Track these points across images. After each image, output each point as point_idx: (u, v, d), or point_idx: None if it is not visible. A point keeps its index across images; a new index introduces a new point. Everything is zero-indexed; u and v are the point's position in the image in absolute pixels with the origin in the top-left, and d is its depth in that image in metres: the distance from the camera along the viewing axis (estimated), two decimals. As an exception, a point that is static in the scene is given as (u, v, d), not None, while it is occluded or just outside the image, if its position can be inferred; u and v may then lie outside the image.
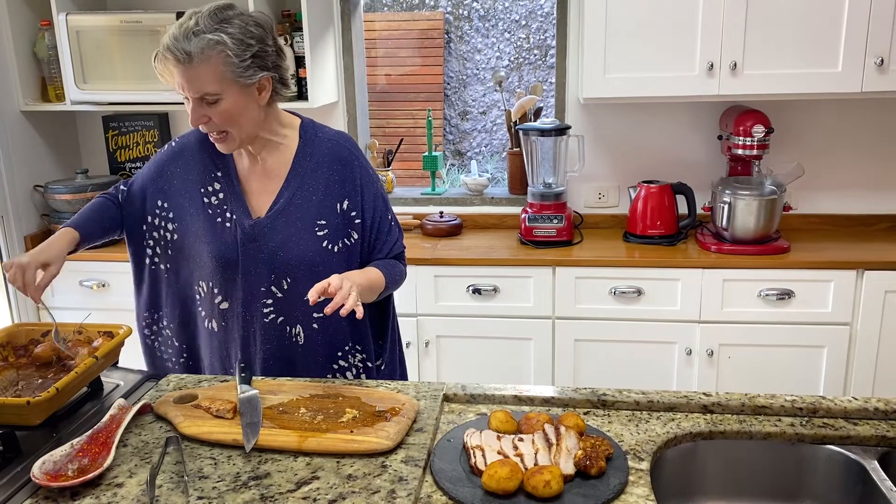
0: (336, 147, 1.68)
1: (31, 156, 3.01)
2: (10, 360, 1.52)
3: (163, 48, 1.48)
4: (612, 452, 1.30)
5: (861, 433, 1.40)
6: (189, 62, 1.47)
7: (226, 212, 1.65)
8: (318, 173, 1.66)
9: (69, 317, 2.90)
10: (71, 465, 1.25)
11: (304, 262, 1.63)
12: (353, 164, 1.68)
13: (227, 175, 1.67)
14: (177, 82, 1.51)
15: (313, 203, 1.64)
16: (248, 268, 1.63)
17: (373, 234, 1.69)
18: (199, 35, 1.47)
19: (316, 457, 1.31)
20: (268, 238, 1.63)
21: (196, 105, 1.52)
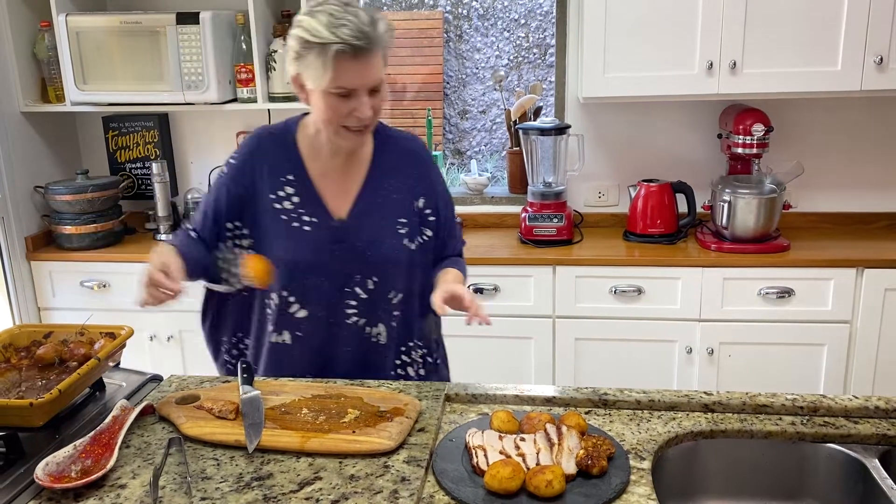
0: (411, 146, 1.70)
1: (31, 157, 3.01)
2: (12, 362, 1.52)
3: (345, 41, 1.40)
4: (613, 452, 1.30)
5: (862, 431, 1.41)
6: (371, 52, 1.43)
7: (302, 215, 1.60)
8: (397, 172, 1.65)
9: (70, 318, 2.91)
10: (74, 466, 1.26)
11: (390, 260, 1.63)
12: (428, 163, 1.70)
13: (299, 178, 1.61)
14: (351, 77, 1.44)
15: (394, 202, 1.64)
16: (334, 270, 1.60)
17: (445, 232, 1.71)
18: (375, 20, 1.44)
19: (318, 457, 1.31)
20: (355, 238, 1.61)
21: (366, 97, 1.47)
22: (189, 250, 1.59)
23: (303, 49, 1.45)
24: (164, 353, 2.92)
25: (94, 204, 2.93)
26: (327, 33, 1.41)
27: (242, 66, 2.86)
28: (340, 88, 1.45)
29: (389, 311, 1.66)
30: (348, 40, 1.40)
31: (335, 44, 1.40)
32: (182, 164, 3.29)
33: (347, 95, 1.46)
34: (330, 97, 1.46)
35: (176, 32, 2.77)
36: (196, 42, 2.77)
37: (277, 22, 2.93)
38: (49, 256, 2.93)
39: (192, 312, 2.85)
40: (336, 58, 1.41)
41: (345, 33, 1.40)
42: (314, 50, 1.43)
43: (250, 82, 2.87)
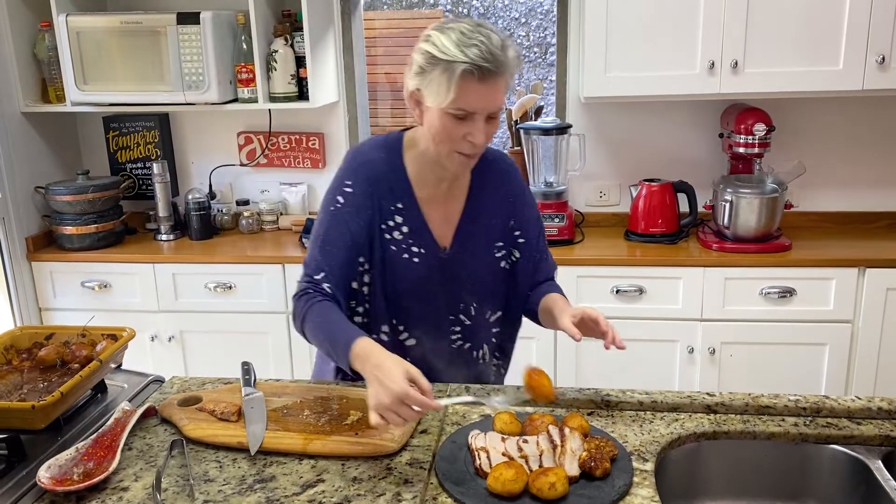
0: (503, 166, 1.64)
1: (31, 157, 3.01)
2: (13, 364, 1.52)
3: (482, 62, 1.35)
4: (616, 453, 1.30)
5: (865, 433, 1.40)
6: (499, 76, 1.38)
7: (412, 246, 1.54)
8: (493, 194, 1.61)
9: (71, 318, 2.91)
10: (76, 468, 1.25)
11: (489, 284, 1.62)
12: (519, 183, 1.66)
13: (408, 206, 1.54)
14: (474, 99, 1.38)
15: (492, 226, 1.61)
16: (440, 299, 1.58)
17: (537, 255, 1.66)
18: (509, 47, 1.39)
19: (321, 459, 1.31)
20: (460, 267, 1.58)
21: (484, 123, 1.41)
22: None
23: (428, 64, 1.39)
24: (166, 353, 2.92)
25: (94, 204, 2.93)
26: (456, 51, 1.36)
27: (243, 66, 2.85)
28: (460, 110, 1.39)
29: (489, 330, 1.67)
30: (477, 61, 1.35)
31: (463, 63, 1.35)
32: (183, 165, 3.29)
33: (465, 118, 1.40)
34: (447, 117, 1.40)
35: (176, 32, 2.77)
36: (196, 42, 2.76)
37: (278, 22, 2.93)
38: (50, 257, 2.93)
39: (192, 313, 2.88)
40: (462, 77, 1.36)
41: (474, 53, 1.35)
42: (440, 66, 1.37)
43: (251, 82, 2.86)
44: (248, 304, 2.85)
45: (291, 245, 2.95)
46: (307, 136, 3.18)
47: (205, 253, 2.92)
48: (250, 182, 3.27)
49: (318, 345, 1.45)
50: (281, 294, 2.82)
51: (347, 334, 1.35)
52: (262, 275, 2.82)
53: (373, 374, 1.25)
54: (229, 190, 3.28)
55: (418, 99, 1.45)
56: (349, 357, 1.32)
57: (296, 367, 2.88)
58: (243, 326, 2.85)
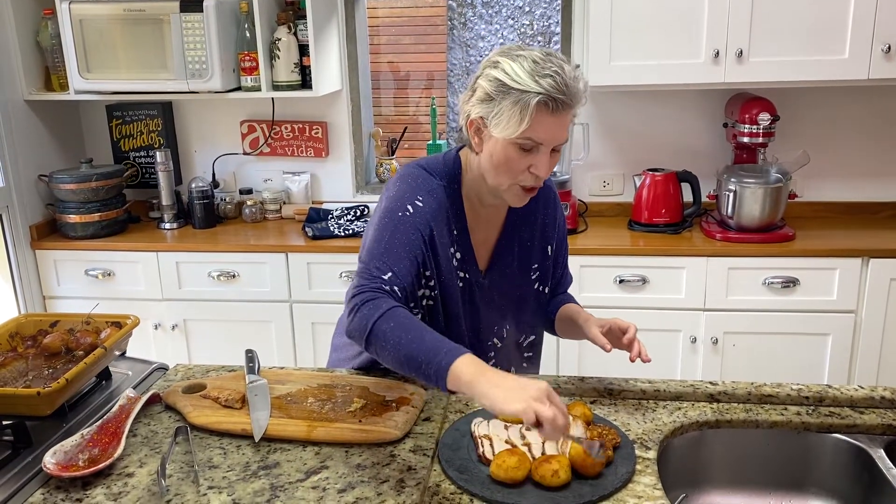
0: (545, 190, 1.60)
1: (35, 145, 3.01)
2: (18, 351, 1.53)
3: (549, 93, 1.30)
4: (619, 441, 1.30)
5: (867, 422, 1.41)
6: (570, 109, 1.34)
7: (458, 270, 1.53)
8: (531, 217, 1.59)
9: (75, 306, 2.92)
10: (81, 455, 1.26)
11: (524, 307, 1.62)
12: (557, 205, 1.64)
13: (461, 233, 1.52)
14: (543, 131, 1.33)
15: (528, 249, 1.60)
16: (479, 322, 1.58)
17: (559, 271, 1.68)
18: (580, 80, 1.35)
19: (325, 446, 1.31)
20: (496, 290, 1.58)
21: (549, 155, 1.38)
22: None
23: (497, 92, 1.33)
24: (169, 341, 2.93)
25: (98, 193, 2.93)
26: (530, 81, 1.30)
27: (246, 55, 2.85)
28: (528, 141, 1.34)
29: (521, 353, 1.67)
30: (552, 92, 1.30)
31: (538, 94, 1.29)
32: (186, 153, 3.29)
33: (531, 150, 1.36)
34: (513, 148, 1.36)
35: (180, 20, 2.76)
36: (200, 30, 2.76)
37: (281, 10, 2.92)
38: (54, 245, 2.94)
39: (195, 301, 2.89)
40: (536, 109, 1.30)
41: (549, 84, 1.30)
42: (511, 96, 1.31)
43: (254, 70, 2.86)
44: (252, 292, 2.85)
45: (294, 234, 2.96)
46: (310, 125, 3.18)
47: (208, 241, 2.92)
48: (253, 171, 3.27)
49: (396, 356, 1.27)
50: (284, 282, 2.82)
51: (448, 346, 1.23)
52: (266, 263, 2.82)
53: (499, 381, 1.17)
54: (232, 178, 3.28)
55: (479, 126, 1.40)
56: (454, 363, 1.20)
57: (299, 355, 2.89)
58: (247, 315, 2.86)
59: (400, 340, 1.25)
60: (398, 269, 1.37)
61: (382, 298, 1.31)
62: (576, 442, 1.21)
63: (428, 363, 1.22)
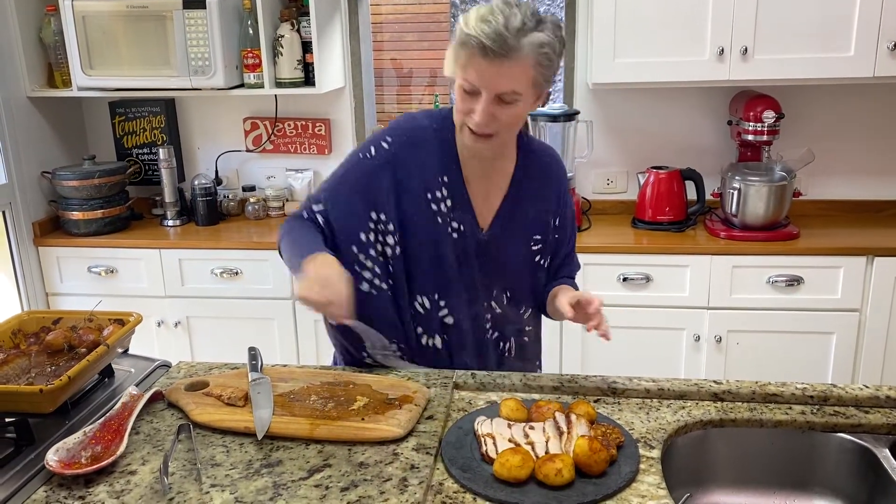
0: (552, 162, 1.63)
1: (38, 142, 3.01)
2: (21, 348, 1.52)
3: (483, 38, 1.34)
4: (622, 440, 1.30)
5: (872, 421, 1.40)
6: (506, 57, 1.35)
7: (452, 220, 1.53)
8: (536, 186, 1.59)
9: (78, 303, 2.92)
10: (84, 452, 1.26)
11: (524, 276, 1.60)
12: (564, 181, 1.64)
13: (454, 179, 1.53)
14: (475, 75, 1.37)
15: (531, 217, 1.59)
16: (477, 281, 1.56)
17: (564, 250, 1.66)
18: (529, 33, 1.35)
19: (327, 444, 1.31)
20: (498, 251, 1.57)
21: (489, 104, 1.39)
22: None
23: (454, 35, 1.42)
24: (172, 338, 2.93)
25: (101, 189, 2.93)
26: (474, 24, 1.35)
27: (249, 51, 2.84)
28: (466, 83, 1.39)
29: (519, 326, 1.65)
30: (482, 38, 1.33)
31: (472, 37, 1.35)
32: (189, 150, 3.29)
33: (472, 94, 1.40)
34: (459, 90, 1.42)
35: (183, 17, 2.75)
36: (203, 27, 2.75)
37: (284, 7, 2.91)
38: (56, 242, 2.94)
39: (198, 298, 2.89)
40: (467, 51, 1.36)
41: (484, 29, 1.34)
42: (459, 38, 1.39)
43: (257, 67, 2.85)
44: (254, 289, 2.85)
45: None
46: (313, 122, 3.17)
47: (211, 239, 2.92)
48: (256, 168, 3.27)
49: (288, 259, 1.50)
50: (286, 280, 2.82)
51: (318, 248, 1.43)
52: (268, 261, 2.82)
53: (309, 270, 1.37)
54: (235, 176, 3.28)
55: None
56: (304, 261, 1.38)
57: (302, 352, 2.89)
58: (249, 312, 2.86)
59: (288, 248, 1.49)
60: (333, 204, 1.53)
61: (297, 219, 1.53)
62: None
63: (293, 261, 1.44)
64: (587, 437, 1.22)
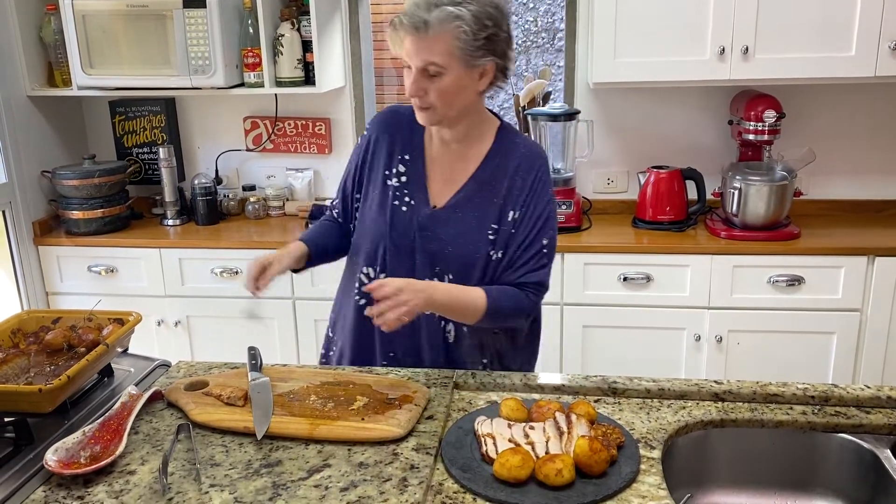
0: (529, 155, 1.62)
1: (38, 141, 3.01)
2: (20, 347, 1.52)
3: (401, 15, 1.47)
4: (623, 441, 1.29)
5: (874, 421, 1.40)
6: (424, 31, 1.45)
7: (405, 196, 1.62)
8: (504, 176, 1.60)
9: (78, 302, 2.92)
10: (83, 452, 1.25)
11: (469, 262, 1.58)
12: (536, 177, 1.60)
13: (414, 159, 1.63)
14: (405, 51, 1.50)
15: (493, 206, 1.59)
16: (417, 257, 1.59)
17: (519, 251, 1.58)
18: (440, 6, 1.45)
19: (327, 444, 1.30)
20: (440, 230, 1.59)
21: (417, 76, 1.49)
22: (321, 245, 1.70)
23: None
24: (172, 338, 2.92)
25: (101, 189, 2.93)
26: (406, 4, 1.48)
27: (250, 51, 2.84)
28: (400, 58, 1.52)
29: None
30: (402, 16, 1.47)
31: (397, 16, 1.48)
32: (189, 149, 3.29)
33: (408, 68, 1.51)
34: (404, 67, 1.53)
35: (183, 16, 2.75)
36: (203, 26, 2.75)
37: (284, 6, 2.91)
38: (56, 241, 2.94)
39: (198, 298, 2.88)
40: (394, 28, 1.49)
41: (405, 8, 1.47)
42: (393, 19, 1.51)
43: (257, 66, 2.85)
44: (255, 289, 2.84)
45: (297, 231, 2.95)
46: (313, 122, 3.17)
47: (211, 238, 2.91)
48: (256, 167, 3.26)
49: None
50: (286, 279, 2.81)
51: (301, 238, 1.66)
52: (269, 260, 2.81)
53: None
54: (235, 175, 3.27)
55: None
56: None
57: (302, 352, 2.89)
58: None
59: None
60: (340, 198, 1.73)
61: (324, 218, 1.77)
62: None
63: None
64: (587, 438, 1.22)
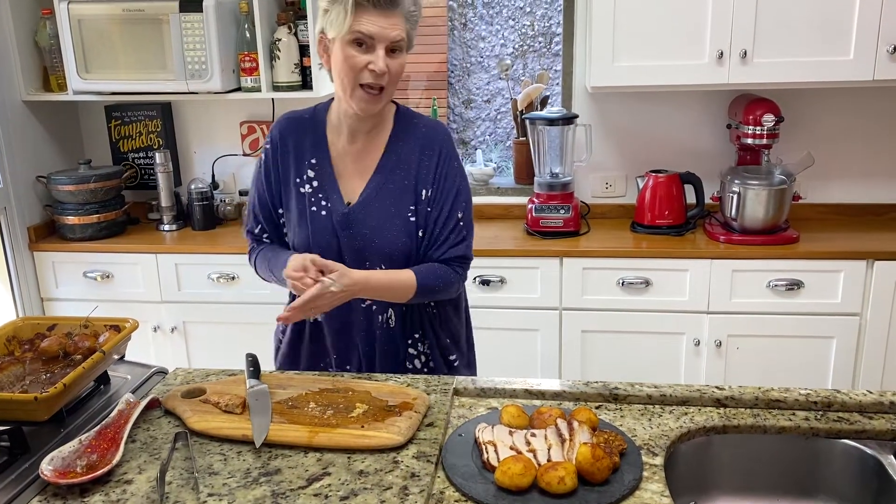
0: (430, 133, 1.65)
1: (33, 146, 2.99)
2: (16, 355, 1.50)
3: None
4: (625, 448, 1.28)
5: (876, 427, 1.39)
6: (392, 7, 1.47)
7: (321, 200, 1.63)
8: (411, 159, 1.62)
9: (74, 308, 2.90)
10: (79, 461, 1.24)
11: (397, 248, 1.61)
12: (441, 153, 1.63)
13: (321, 161, 1.64)
14: (369, 26, 1.47)
15: (406, 189, 1.61)
16: (346, 256, 1.61)
17: (437, 228, 1.63)
18: None
19: (326, 452, 1.29)
20: (362, 224, 1.61)
21: (383, 52, 1.49)
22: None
23: (330, 2, 1.49)
24: (168, 344, 2.91)
25: (96, 194, 2.91)
26: None
27: (246, 55, 2.83)
28: (358, 34, 1.47)
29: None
30: None
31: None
32: (185, 154, 3.27)
33: (364, 46, 1.48)
34: (349, 47, 1.48)
35: (179, 20, 2.74)
36: (199, 30, 2.74)
37: (281, 10, 2.90)
38: (52, 247, 2.92)
39: (195, 303, 2.87)
40: (361, 6, 1.46)
41: None
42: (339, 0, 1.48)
43: (254, 71, 2.84)
44: (251, 294, 2.83)
45: (295, 235, 2.93)
46: (311, 126, 3.15)
47: (207, 243, 2.90)
48: (253, 172, 3.24)
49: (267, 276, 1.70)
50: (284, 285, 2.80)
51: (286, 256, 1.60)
52: (266, 265, 2.80)
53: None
54: (232, 180, 3.26)
55: (325, 42, 1.54)
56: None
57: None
58: (246, 317, 2.84)
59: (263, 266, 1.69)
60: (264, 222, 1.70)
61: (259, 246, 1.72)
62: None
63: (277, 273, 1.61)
64: (590, 445, 1.21)
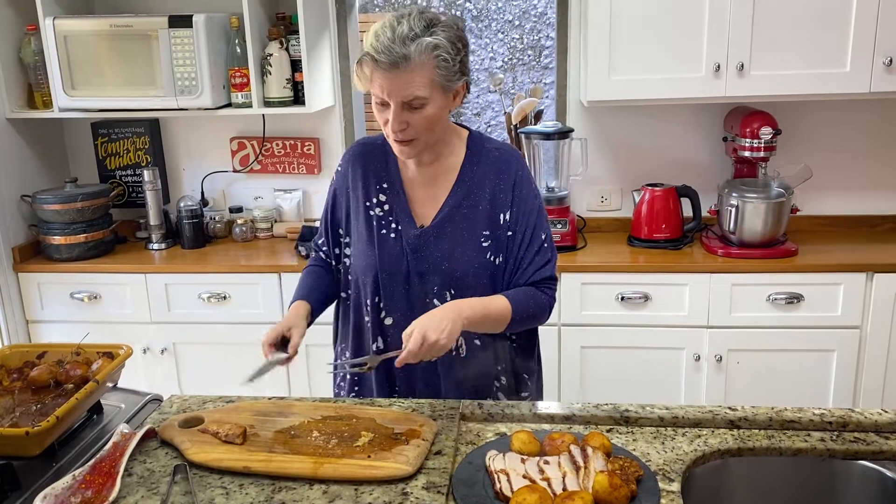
0: (504, 157, 1.62)
1: (17, 165, 2.92)
2: (4, 385, 1.44)
3: (374, 53, 1.44)
4: (641, 474, 1.24)
5: (894, 448, 1.36)
6: (404, 67, 1.43)
7: (391, 223, 1.61)
8: (485, 183, 1.60)
9: (60, 330, 2.83)
10: (74, 498, 1.18)
11: (470, 273, 1.57)
12: (516, 176, 1.61)
13: (392, 185, 1.63)
14: (379, 88, 1.46)
15: (479, 213, 1.59)
16: (414, 279, 1.58)
17: (521, 251, 1.59)
18: (416, 39, 1.43)
19: (332, 484, 1.24)
20: (433, 248, 1.58)
21: (398, 111, 1.47)
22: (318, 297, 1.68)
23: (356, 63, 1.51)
24: (158, 366, 2.84)
25: (83, 213, 2.84)
26: (369, 41, 1.46)
27: (237, 70, 2.78)
28: (374, 97, 1.49)
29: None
30: (373, 53, 1.44)
31: (366, 55, 1.46)
32: (174, 171, 3.21)
33: (384, 105, 1.49)
34: (374, 105, 1.51)
35: (168, 36, 2.69)
36: (189, 46, 2.69)
37: (272, 25, 2.86)
38: (37, 268, 2.85)
39: (185, 324, 2.81)
40: (365, 67, 1.47)
41: (374, 45, 1.44)
42: (359, 56, 1.49)
43: (245, 87, 2.79)
44: (244, 314, 2.77)
45: (287, 253, 2.88)
46: (302, 142, 3.11)
47: (197, 262, 2.84)
48: (244, 188, 3.20)
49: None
50: (277, 303, 2.75)
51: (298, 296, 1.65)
52: (258, 284, 2.75)
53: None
54: (222, 197, 3.20)
55: None
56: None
57: (292, 380, 2.81)
58: (238, 337, 2.77)
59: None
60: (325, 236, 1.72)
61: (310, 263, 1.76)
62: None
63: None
64: (607, 473, 1.17)
